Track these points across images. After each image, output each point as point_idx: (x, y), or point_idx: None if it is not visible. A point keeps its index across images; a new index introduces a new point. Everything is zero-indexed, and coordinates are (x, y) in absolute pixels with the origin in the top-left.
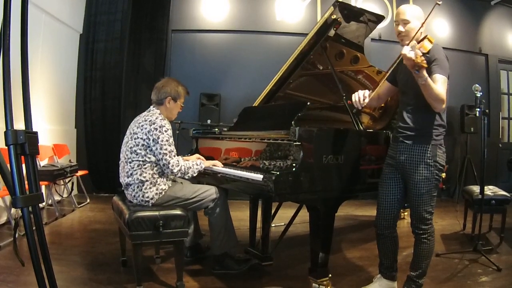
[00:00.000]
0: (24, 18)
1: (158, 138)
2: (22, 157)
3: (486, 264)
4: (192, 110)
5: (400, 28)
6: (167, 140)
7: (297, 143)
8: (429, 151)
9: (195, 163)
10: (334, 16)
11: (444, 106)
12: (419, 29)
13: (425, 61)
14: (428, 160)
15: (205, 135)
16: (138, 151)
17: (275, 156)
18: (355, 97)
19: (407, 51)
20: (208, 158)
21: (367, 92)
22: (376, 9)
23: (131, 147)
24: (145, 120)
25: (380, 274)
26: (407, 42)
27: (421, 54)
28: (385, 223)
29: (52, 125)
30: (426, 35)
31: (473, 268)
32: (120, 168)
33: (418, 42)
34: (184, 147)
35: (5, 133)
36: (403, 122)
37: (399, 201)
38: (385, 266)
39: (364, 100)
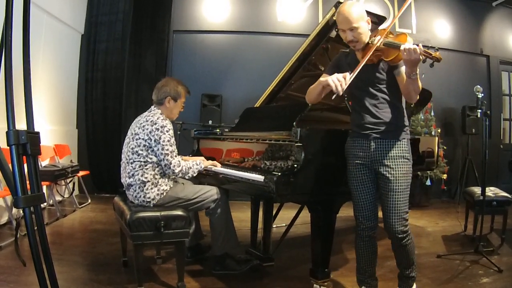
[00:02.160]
0: (26, 18)
1: (160, 138)
2: (24, 157)
3: (487, 266)
4: (194, 111)
5: (350, 36)
6: (168, 141)
7: (299, 144)
8: (405, 144)
9: (194, 163)
10: (335, 17)
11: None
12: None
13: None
14: (406, 154)
15: (206, 136)
16: (140, 151)
17: (277, 156)
18: (334, 81)
19: (412, 45)
20: (209, 159)
21: (347, 75)
22: (377, 10)
23: (132, 148)
24: (147, 121)
25: (364, 286)
26: (359, 47)
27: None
28: (371, 223)
29: (54, 125)
30: (382, 29)
31: (474, 270)
32: (121, 169)
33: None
34: (185, 148)
35: (7, 133)
36: (373, 117)
37: (377, 199)
38: (368, 273)
39: (346, 84)
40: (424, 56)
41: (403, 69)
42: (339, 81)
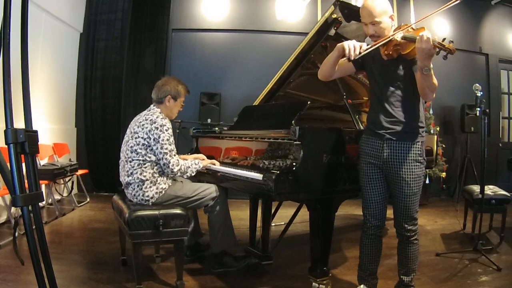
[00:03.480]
0: (24, 17)
1: (159, 137)
2: (22, 156)
3: (486, 264)
4: (193, 109)
5: (371, 31)
6: (167, 140)
7: (297, 142)
8: (420, 148)
9: (193, 162)
10: (334, 16)
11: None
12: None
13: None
14: (419, 158)
15: (205, 134)
16: (139, 150)
17: (275, 155)
18: (349, 45)
19: (429, 34)
20: (208, 157)
21: (364, 45)
22: None
23: (131, 146)
24: (146, 119)
25: (363, 284)
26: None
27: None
28: (379, 222)
29: (52, 124)
30: (404, 24)
31: (473, 268)
32: (120, 167)
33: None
34: (184, 146)
35: (5, 131)
36: (388, 115)
37: (387, 199)
38: (370, 272)
39: (359, 51)
40: (437, 48)
41: None
42: (354, 47)
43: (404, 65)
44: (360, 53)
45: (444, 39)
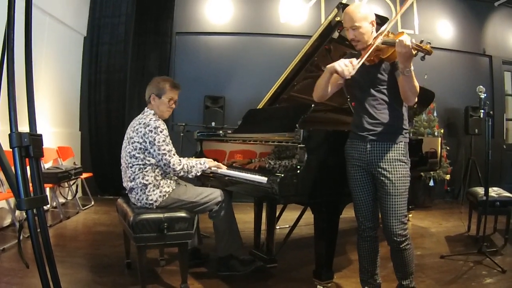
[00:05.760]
0: (28, 21)
1: (154, 140)
2: (27, 159)
3: (491, 266)
4: (197, 113)
5: (351, 35)
6: (163, 141)
7: (302, 145)
8: (402, 148)
9: (199, 162)
10: (338, 18)
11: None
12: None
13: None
14: (402, 157)
15: (209, 138)
16: (137, 155)
17: (280, 158)
18: (341, 65)
19: (408, 38)
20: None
21: (354, 60)
22: (379, 10)
23: (129, 152)
24: (140, 123)
25: (367, 287)
26: (360, 47)
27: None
28: (371, 224)
29: (57, 127)
30: (384, 32)
31: (477, 270)
32: (122, 173)
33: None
34: (188, 150)
35: (10, 135)
36: (371, 118)
37: (377, 201)
38: (371, 273)
39: (353, 68)
40: (415, 50)
41: None
42: (346, 66)
43: (385, 69)
44: (354, 68)
45: (422, 41)
